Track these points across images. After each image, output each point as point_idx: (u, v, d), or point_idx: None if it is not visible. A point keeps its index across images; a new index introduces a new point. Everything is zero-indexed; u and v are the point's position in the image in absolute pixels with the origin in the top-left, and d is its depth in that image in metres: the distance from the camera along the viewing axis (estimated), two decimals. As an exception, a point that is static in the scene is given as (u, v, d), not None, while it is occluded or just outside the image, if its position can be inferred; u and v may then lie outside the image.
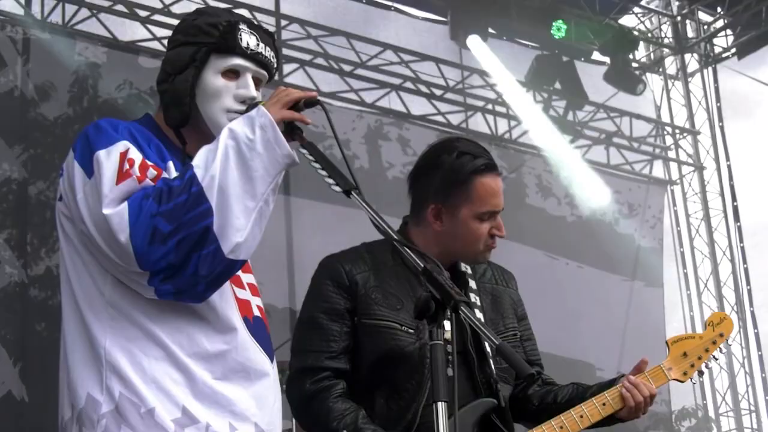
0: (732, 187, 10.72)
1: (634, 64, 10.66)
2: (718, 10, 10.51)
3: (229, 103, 2.31)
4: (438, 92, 9.68)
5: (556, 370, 3.15)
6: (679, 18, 10.91)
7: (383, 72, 9.37)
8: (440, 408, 1.98)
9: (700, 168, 10.97)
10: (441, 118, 9.72)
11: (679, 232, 10.88)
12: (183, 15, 2.57)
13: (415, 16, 9.70)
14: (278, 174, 2.17)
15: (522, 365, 2.08)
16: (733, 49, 10.66)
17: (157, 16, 8.31)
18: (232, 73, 2.33)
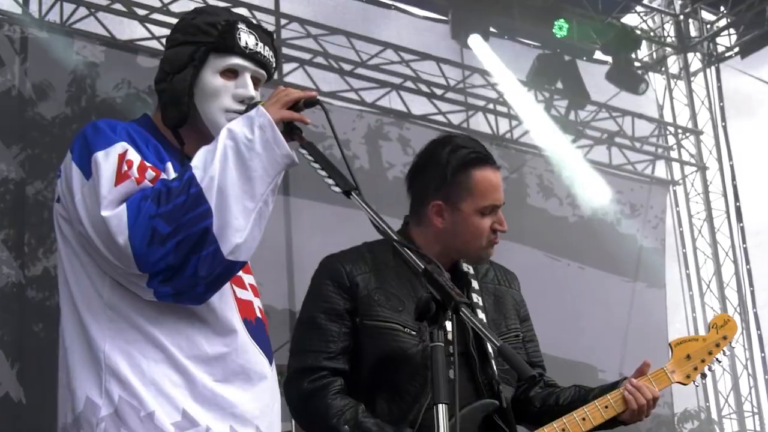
0: (735, 188, 10.69)
1: (637, 64, 10.64)
2: (721, 9, 10.50)
3: (227, 102, 2.31)
4: (439, 92, 9.66)
5: (558, 372, 3.14)
6: (681, 17, 10.89)
7: (384, 71, 9.35)
8: (441, 410, 1.98)
9: (703, 168, 10.95)
10: (442, 118, 9.70)
11: (682, 233, 10.88)
12: (182, 14, 2.56)
13: (416, 14, 9.69)
14: (277, 174, 2.16)
15: (523, 367, 2.07)
16: (736, 48, 10.62)
17: (156, 15, 8.29)
18: (231, 73, 2.33)
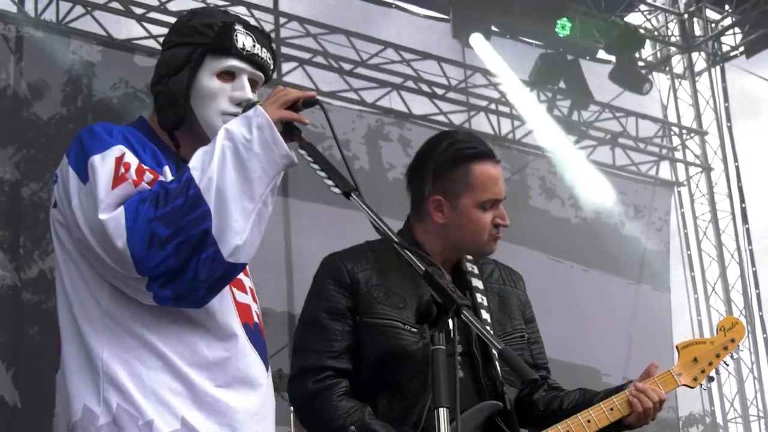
0: (740, 189, 10.72)
1: (641, 63, 10.66)
2: (726, 7, 10.57)
3: (224, 105, 2.30)
4: (440, 91, 9.67)
5: (561, 376, 3.10)
6: (686, 16, 10.94)
7: (384, 71, 9.36)
8: (442, 414, 1.97)
9: (708, 169, 10.97)
10: (443, 118, 9.71)
11: (686, 235, 10.90)
12: (179, 12, 2.49)
13: (417, 13, 9.72)
14: (276, 175, 2.15)
15: (525, 370, 2.06)
16: (742, 48, 10.66)
17: (154, 14, 8.29)
18: (228, 75, 2.32)
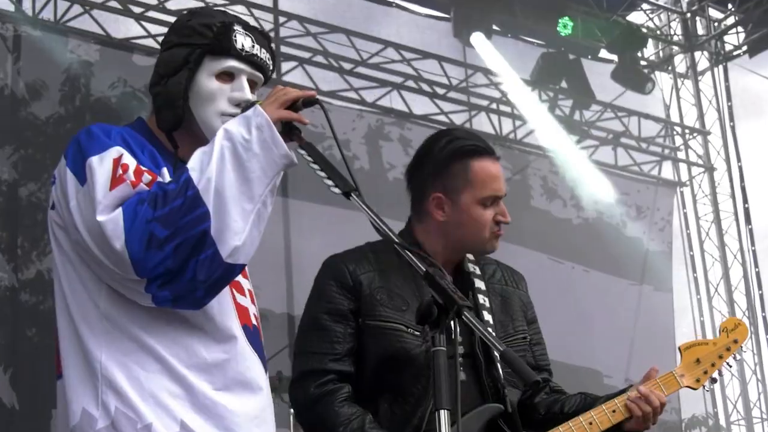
0: (743, 189, 10.73)
1: (643, 63, 10.67)
2: (729, 6, 10.59)
3: (223, 106, 2.29)
4: (441, 91, 9.67)
5: (562, 378, 3.08)
6: (688, 15, 10.96)
7: (384, 70, 9.35)
8: (443, 416, 1.96)
9: (711, 169, 10.97)
10: (444, 118, 9.71)
11: (689, 235, 10.92)
12: (178, 11, 2.46)
13: (418, 12, 9.72)
14: (276, 175, 2.14)
15: (526, 372, 2.03)
16: (745, 47, 10.68)
17: (152, 13, 8.27)
18: (227, 76, 2.31)
